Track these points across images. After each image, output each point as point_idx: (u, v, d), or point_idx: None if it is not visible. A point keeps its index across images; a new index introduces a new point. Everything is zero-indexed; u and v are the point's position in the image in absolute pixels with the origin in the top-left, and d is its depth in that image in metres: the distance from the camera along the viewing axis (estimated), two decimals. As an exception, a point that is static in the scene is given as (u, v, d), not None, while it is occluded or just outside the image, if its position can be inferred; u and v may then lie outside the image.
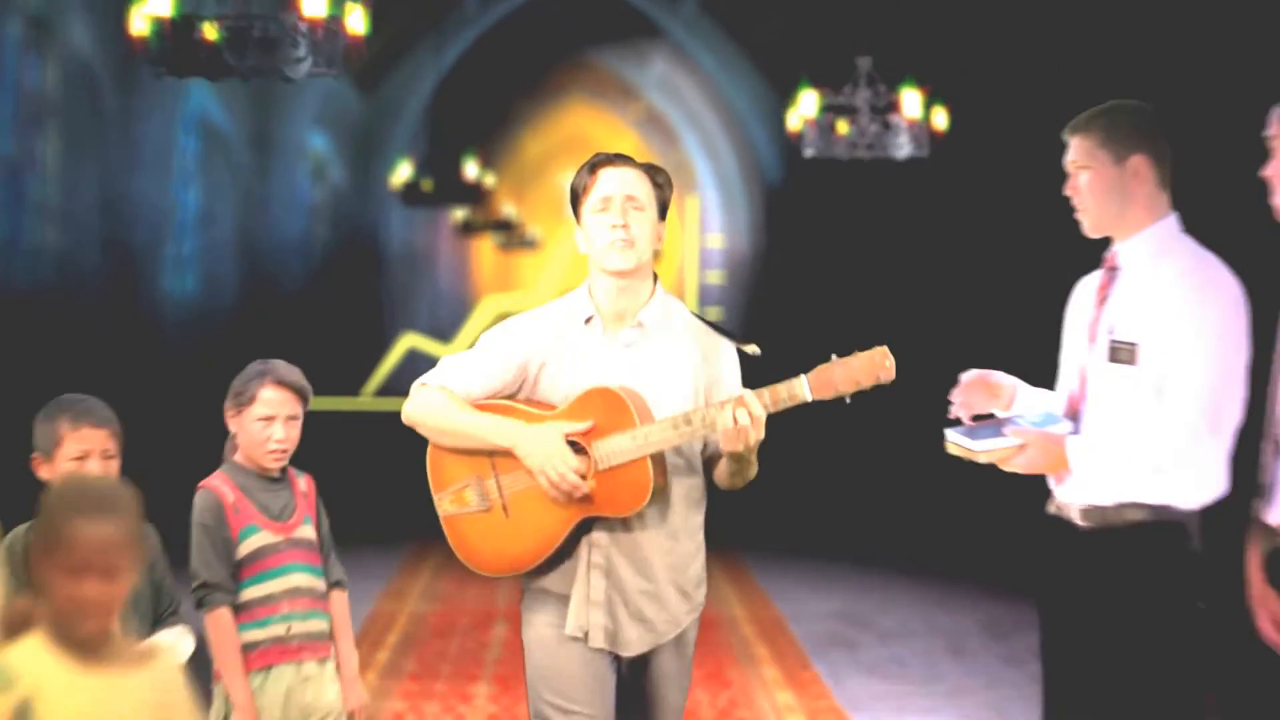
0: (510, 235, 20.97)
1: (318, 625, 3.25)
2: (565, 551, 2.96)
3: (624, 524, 2.96)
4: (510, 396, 3.05)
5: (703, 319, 3.12)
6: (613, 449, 2.89)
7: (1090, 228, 3.03)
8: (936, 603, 7.60)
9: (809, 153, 9.42)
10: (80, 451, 3.01)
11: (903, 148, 9.15)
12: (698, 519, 3.06)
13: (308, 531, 3.29)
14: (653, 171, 3.09)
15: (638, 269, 3.00)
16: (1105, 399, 2.95)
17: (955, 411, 3.08)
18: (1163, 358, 2.86)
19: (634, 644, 2.98)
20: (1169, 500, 2.86)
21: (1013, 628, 6.74)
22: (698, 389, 3.00)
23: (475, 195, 18.12)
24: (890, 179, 11.12)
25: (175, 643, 3.05)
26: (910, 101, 9.07)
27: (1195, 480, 2.85)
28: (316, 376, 3.75)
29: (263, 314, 13.75)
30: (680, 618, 3.02)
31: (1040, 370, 3.25)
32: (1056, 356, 3.17)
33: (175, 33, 6.11)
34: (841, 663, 6.24)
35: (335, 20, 6.15)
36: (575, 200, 3.06)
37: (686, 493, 3.02)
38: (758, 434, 2.83)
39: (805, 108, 9.30)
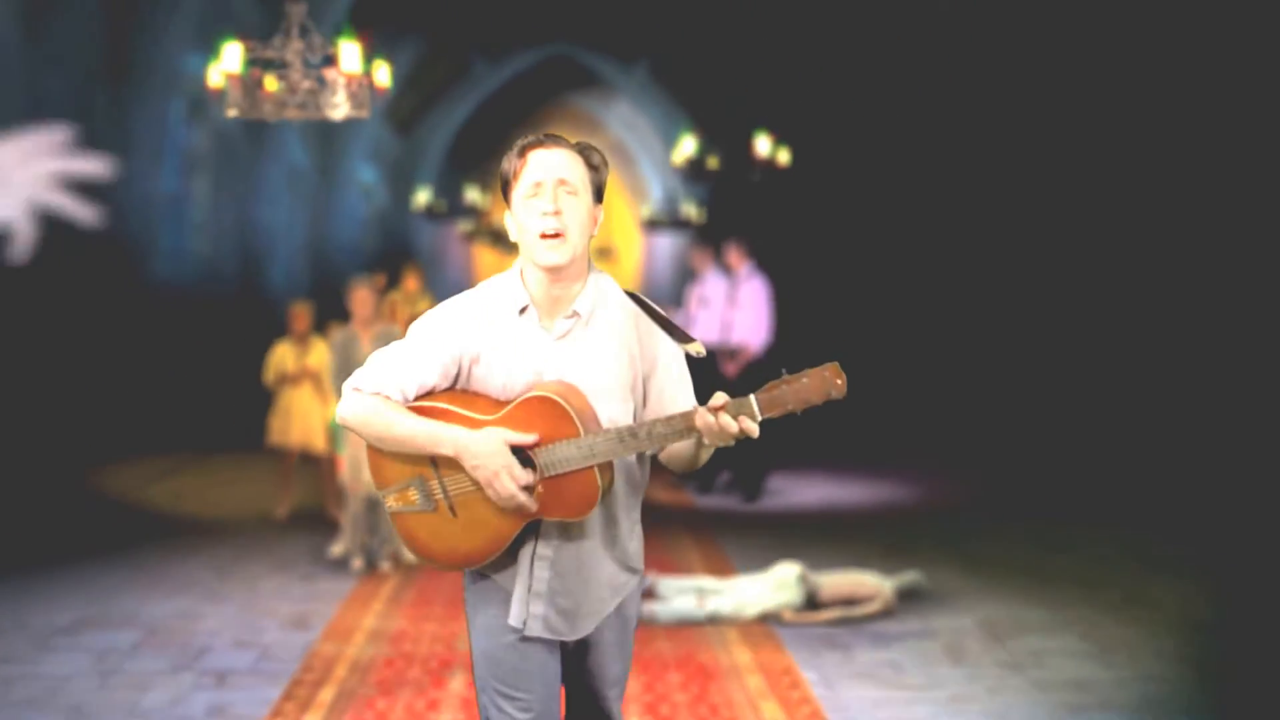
0: (507, 241, 25.80)
1: None
2: (513, 544, 2.78)
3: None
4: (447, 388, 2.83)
5: (639, 298, 2.87)
6: (559, 458, 2.67)
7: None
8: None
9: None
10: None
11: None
12: (637, 501, 2.90)
13: None
14: (587, 152, 2.79)
15: (572, 261, 2.72)
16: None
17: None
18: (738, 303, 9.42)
19: (575, 630, 2.84)
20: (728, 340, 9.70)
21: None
22: (636, 376, 2.81)
23: (475, 213, 22.81)
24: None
25: None
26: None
27: (744, 336, 9.64)
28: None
29: (329, 299, 16.24)
30: (620, 587, 2.88)
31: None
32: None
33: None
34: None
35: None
36: (505, 186, 2.76)
37: (629, 480, 2.83)
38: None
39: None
